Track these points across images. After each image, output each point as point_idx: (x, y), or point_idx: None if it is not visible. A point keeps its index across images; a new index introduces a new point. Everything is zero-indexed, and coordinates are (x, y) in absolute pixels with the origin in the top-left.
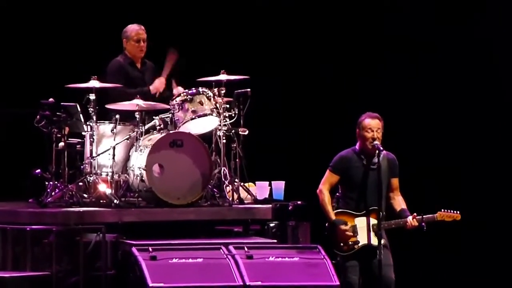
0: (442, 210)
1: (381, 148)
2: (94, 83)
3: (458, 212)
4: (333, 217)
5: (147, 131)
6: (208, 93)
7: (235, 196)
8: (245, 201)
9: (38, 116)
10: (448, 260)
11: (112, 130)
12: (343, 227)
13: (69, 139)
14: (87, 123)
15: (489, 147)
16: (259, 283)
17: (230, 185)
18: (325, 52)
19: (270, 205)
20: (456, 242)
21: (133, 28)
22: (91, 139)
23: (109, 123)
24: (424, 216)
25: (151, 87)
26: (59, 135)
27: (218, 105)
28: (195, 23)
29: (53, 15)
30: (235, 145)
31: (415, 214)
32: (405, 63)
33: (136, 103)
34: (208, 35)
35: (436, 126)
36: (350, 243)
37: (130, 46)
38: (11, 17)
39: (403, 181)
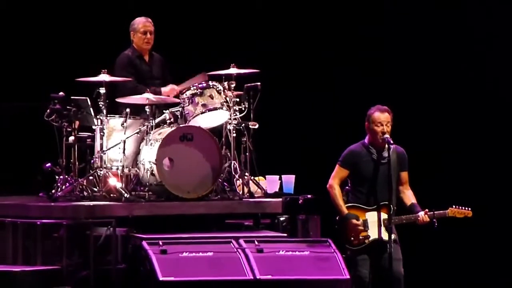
0: (454, 206)
1: (391, 142)
2: (104, 77)
3: (469, 208)
4: (345, 211)
5: (157, 125)
6: (218, 87)
7: (245, 189)
8: (255, 195)
9: (48, 110)
10: (455, 254)
11: (122, 124)
12: (354, 221)
13: (79, 133)
14: (97, 117)
15: (492, 144)
16: (269, 276)
17: (240, 179)
18: (334, 46)
19: (280, 199)
20: (464, 236)
21: (140, 21)
22: (101, 133)
23: (119, 117)
24: (435, 212)
25: (162, 90)
26: (69, 129)
27: (228, 98)
28: (206, 16)
29: (63, 8)
30: (245, 138)
31: (426, 210)
32: (408, 58)
33: (146, 97)
34: (218, 28)
35: (443, 120)
36: (361, 237)
37: (137, 38)
38: (22, 11)
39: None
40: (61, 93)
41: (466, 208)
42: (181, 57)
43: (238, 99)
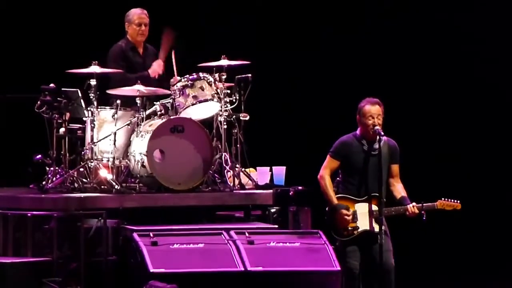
0: (443, 198)
1: (382, 134)
2: (95, 69)
3: (458, 201)
4: (335, 201)
5: (148, 117)
6: (209, 79)
7: (236, 181)
8: (246, 187)
9: (39, 102)
10: (446, 246)
11: (113, 116)
12: (344, 211)
13: (70, 124)
14: (88, 108)
15: (489, 136)
16: (260, 268)
17: (231, 171)
18: (325, 37)
19: (271, 191)
20: (454, 228)
21: (135, 12)
22: (92, 125)
23: (110, 108)
24: (424, 204)
25: (149, 71)
26: (60, 121)
27: (219, 90)
28: (196, 7)
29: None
30: (236, 130)
31: (414, 203)
32: (407, 48)
33: (137, 89)
34: (209, 20)
35: (437, 113)
36: (350, 228)
37: (131, 30)
38: (12, 2)
39: (403, 168)
40: (51, 85)
41: (455, 201)
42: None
43: (229, 91)
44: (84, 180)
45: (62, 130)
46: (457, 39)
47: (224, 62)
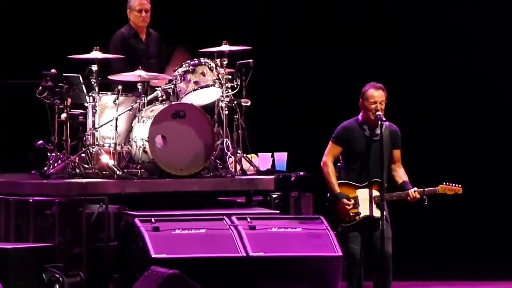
0: (444, 183)
1: (384, 119)
2: (96, 54)
3: (460, 185)
4: (337, 190)
5: (150, 102)
6: (210, 64)
7: (238, 167)
8: (248, 172)
9: (40, 87)
10: (446, 232)
11: (114, 101)
12: (345, 201)
13: (72, 110)
14: (90, 94)
15: (491, 123)
16: (261, 253)
17: (232, 156)
18: (328, 23)
19: (273, 176)
20: (454, 214)
21: None
22: (94, 110)
23: (111, 94)
24: (425, 189)
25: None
26: (62, 106)
27: (220, 76)
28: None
29: None
30: (237, 116)
31: (415, 188)
32: (407, 36)
33: (138, 74)
34: (210, 4)
35: (437, 107)
36: (352, 214)
37: (133, 16)
38: None
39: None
40: (53, 70)
41: (457, 185)
42: (173, 34)
43: (230, 76)
44: (85, 165)
45: (63, 115)
46: (457, 39)
47: (225, 47)
